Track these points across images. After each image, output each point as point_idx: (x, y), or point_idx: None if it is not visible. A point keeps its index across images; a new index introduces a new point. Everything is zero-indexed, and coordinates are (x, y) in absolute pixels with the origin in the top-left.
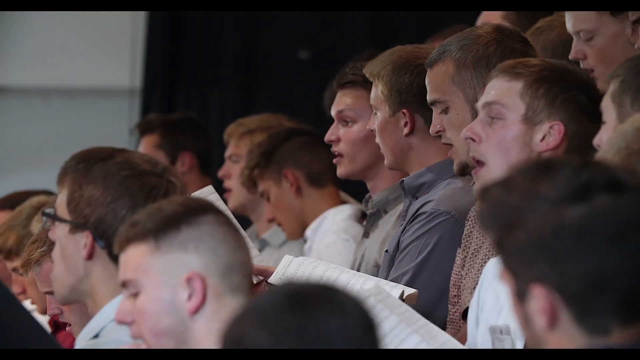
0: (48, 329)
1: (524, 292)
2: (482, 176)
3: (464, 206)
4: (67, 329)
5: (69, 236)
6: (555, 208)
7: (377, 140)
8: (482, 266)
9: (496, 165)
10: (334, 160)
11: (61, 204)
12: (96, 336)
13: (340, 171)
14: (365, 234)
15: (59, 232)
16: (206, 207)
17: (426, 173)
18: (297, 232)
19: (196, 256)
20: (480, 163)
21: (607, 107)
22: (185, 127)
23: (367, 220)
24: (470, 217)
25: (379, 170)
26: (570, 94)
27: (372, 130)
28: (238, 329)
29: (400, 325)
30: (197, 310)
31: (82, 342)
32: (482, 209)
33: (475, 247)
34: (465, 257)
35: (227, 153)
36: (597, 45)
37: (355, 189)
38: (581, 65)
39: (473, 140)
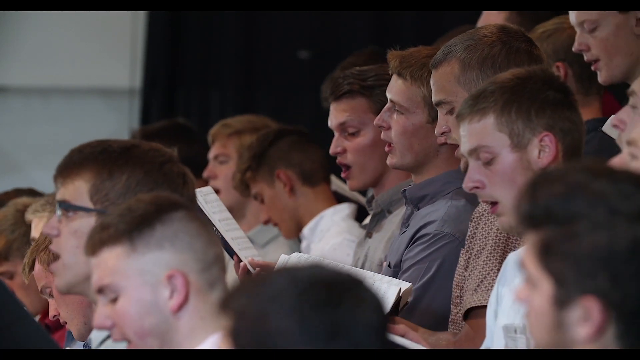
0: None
1: (568, 299)
2: (500, 213)
3: (467, 227)
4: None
5: None
6: (630, 225)
7: (398, 139)
8: (483, 268)
9: (508, 199)
10: (343, 175)
11: (78, 195)
12: None
13: (353, 184)
14: (368, 234)
15: (78, 223)
16: (176, 203)
17: (429, 185)
18: (294, 232)
19: (174, 253)
20: (493, 203)
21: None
22: (158, 138)
23: (370, 219)
24: (474, 218)
25: (388, 176)
26: (540, 99)
27: (380, 127)
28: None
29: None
30: (180, 307)
31: (99, 339)
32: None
33: (479, 248)
34: (469, 258)
35: (213, 153)
36: (601, 36)
37: None
38: (585, 57)
39: (477, 187)
